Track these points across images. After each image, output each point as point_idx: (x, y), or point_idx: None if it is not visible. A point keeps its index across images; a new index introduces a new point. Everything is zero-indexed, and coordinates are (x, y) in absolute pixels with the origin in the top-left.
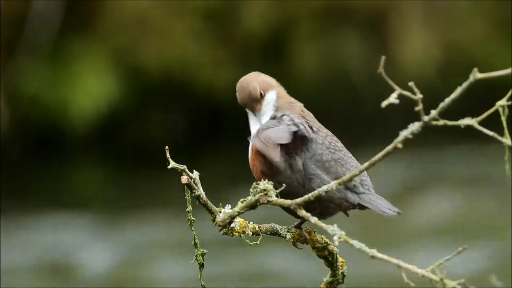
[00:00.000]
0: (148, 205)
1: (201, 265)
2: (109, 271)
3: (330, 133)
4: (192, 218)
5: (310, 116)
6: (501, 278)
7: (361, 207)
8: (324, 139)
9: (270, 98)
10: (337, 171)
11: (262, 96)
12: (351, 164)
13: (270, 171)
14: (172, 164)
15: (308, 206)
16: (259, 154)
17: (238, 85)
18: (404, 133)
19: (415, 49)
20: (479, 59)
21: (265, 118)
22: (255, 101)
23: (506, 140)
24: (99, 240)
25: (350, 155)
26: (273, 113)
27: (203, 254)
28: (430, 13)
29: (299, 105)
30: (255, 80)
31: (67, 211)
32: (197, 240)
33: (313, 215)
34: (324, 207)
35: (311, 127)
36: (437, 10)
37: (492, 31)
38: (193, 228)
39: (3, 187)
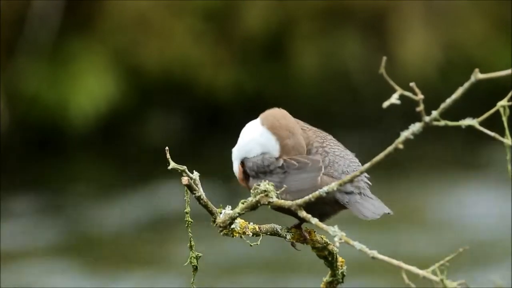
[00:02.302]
0: (148, 204)
1: (195, 268)
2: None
3: (315, 133)
4: (190, 220)
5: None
6: None
7: (344, 208)
8: (315, 141)
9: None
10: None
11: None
12: (339, 164)
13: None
14: (172, 164)
15: (307, 209)
16: (245, 181)
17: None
18: (405, 134)
19: (415, 49)
20: (479, 59)
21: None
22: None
23: (507, 140)
24: (99, 239)
25: (340, 152)
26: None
27: (197, 257)
28: (430, 13)
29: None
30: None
31: (66, 211)
32: (193, 243)
33: (313, 216)
34: (321, 209)
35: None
36: (437, 10)
37: (492, 31)
38: (189, 230)
39: (3, 186)
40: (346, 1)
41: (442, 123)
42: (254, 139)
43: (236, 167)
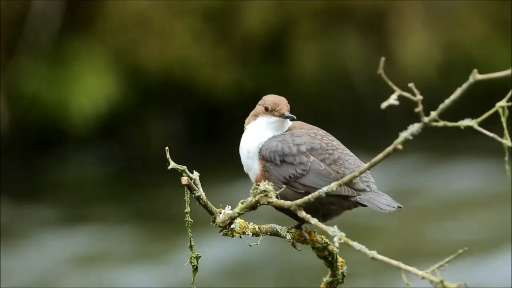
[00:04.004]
0: (148, 205)
1: (195, 269)
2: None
3: (324, 132)
4: (190, 220)
5: (306, 125)
6: None
7: (361, 204)
8: (321, 141)
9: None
10: (338, 172)
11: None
12: (349, 162)
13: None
14: (172, 164)
15: (311, 209)
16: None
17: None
18: (404, 134)
19: (415, 49)
20: (479, 59)
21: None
22: (287, 109)
23: (506, 141)
24: (100, 240)
25: (348, 151)
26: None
27: (197, 257)
28: (430, 13)
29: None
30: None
31: (66, 211)
32: (192, 243)
33: (315, 217)
34: (325, 209)
35: (311, 135)
36: (437, 10)
37: (492, 31)
38: (189, 230)
39: (3, 186)
40: (346, 1)
41: (441, 123)
42: (256, 130)
43: (256, 164)
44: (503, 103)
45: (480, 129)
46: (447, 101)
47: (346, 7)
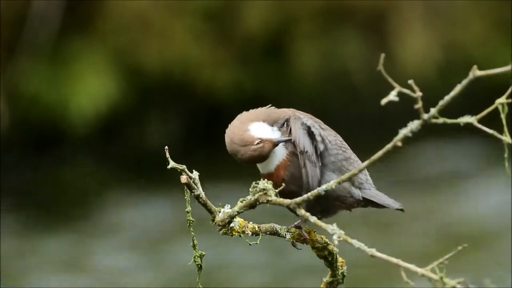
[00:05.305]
0: (148, 205)
1: (199, 267)
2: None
3: (334, 132)
4: (191, 219)
5: (317, 120)
6: None
7: (365, 203)
8: (336, 138)
9: (263, 129)
10: (349, 170)
11: (261, 140)
12: (358, 163)
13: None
14: (172, 164)
15: (311, 204)
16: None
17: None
18: (403, 132)
19: (415, 49)
20: (479, 59)
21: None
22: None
23: (505, 138)
24: (99, 240)
25: (354, 155)
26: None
27: (201, 256)
28: (430, 13)
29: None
30: (241, 133)
31: (66, 211)
32: (195, 242)
33: (314, 213)
34: (328, 205)
35: (320, 127)
36: (437, 10)
37: (492, 31)
38: (191, 229)
39: (2, 187)
40: (346, 1)
41: (441, 120)
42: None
43: (280, 156)
44: (502, 100)
45: (479, 126)
46: (447, 98)
47: (346, 7)
